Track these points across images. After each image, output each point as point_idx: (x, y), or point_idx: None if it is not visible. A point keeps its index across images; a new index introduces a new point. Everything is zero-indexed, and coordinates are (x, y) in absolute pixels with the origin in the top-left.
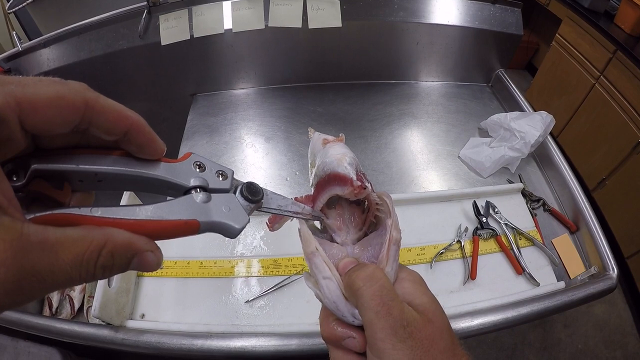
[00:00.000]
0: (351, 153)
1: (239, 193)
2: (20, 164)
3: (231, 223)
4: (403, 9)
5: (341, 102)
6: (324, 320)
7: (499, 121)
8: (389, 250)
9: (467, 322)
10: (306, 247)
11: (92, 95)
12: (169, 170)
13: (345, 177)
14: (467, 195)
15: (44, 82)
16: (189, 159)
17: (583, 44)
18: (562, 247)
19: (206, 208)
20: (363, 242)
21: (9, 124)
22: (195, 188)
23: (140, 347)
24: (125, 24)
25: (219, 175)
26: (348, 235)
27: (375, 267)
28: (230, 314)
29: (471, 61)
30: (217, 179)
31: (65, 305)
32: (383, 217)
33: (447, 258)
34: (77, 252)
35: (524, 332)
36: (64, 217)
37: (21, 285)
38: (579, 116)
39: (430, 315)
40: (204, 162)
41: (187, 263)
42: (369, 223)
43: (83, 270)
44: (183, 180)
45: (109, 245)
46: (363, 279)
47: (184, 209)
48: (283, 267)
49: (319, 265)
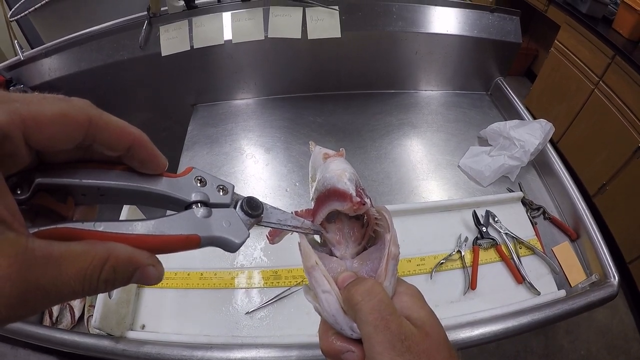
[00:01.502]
0: (351, 169)
1: (239, 208)
2: (24, 177)
3: (231, 238)
4: (402, 18)
5: (341, 112)
6: (323, 334)
7: (498, 130)
8: (387, 265)
9: (468, 332)
10: (306, 261)
11: (96, 113)
12: (171, 185)
13: (345, 192)
14: (466, 205)
15: (48, 100)
16: (190, 173)
17: (582, 49)
18: (562, 255)
19: (207, 223)
20: (362, 256)
21: (14, 140)
22: (196, 203)
23: (140, 358)
24: (126, 35)
25: (219, 189)
26: (347, 249)
27: (374, 282)
28: (231, 325)
29: (470, 70)
30: (218, 194)
31: (65, 315)
32: (382, 231)
33: (447, 268)
34: (80, 266)
35: (526, 340)
36: (67, 232)
37: (25, 298)
38: (578, 122)
39: (427, 328)
40: (204, 176)
41: (188, 274)
42: (368, 237)
43: (86, 284)
44: (184, 195)
45: (112, 260)
46: (362, 293)
47: (185, 223)
48: (283, 279)
49: (318, 279)
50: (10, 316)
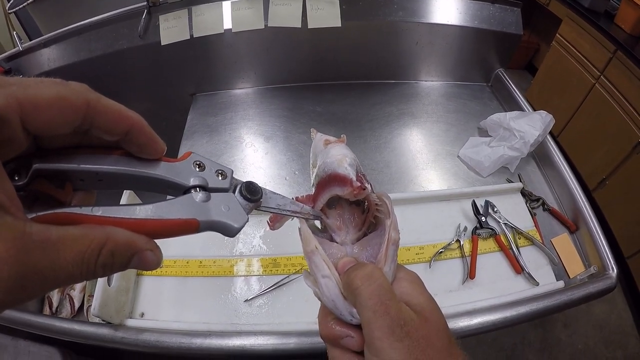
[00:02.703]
0: (352, 154)
1: (238, 192)
2: (22, 163)
3: (230, 222)
4: (402, 8)
5: (340, 101)
6: (322, 319)
7: (498, 121)
8: (387, 250)
9: (466, 321)
10: (306, 246)
11: (94, 97)
12: (169, 169)
13: (345, 177)
14: (466, 195)
15: (45, 83)
16: (188, 158)
17: (583, 43)
18: (561, 247)
19: (205, 207)
20: (362, 242)
21: (11, 125)
22: (195, 187)
23: (139, 345)
24: (125, 24)
25: (218, 174)
26: (347, 235)
27: (374, 267)
28: (230, 312)
29: (471, 61)
30: (217, 178)
31: (65, 305)
32: (382, 217)
33: (446, 257)
34: (78, 250)
35: (524, 332)
36: (65, 216)
37: (23, 283)
38: (579, 116)
39: (427, 314)
40: (203, 161)
41: (187, 262)
42: (369, 223)
43: (84, 268)
44: (183, 179)
45: (110, 244)
46: (361, 278)
47: (184, 208)
48: (282, 266)
49: (318, 264)
50: (8, 301)
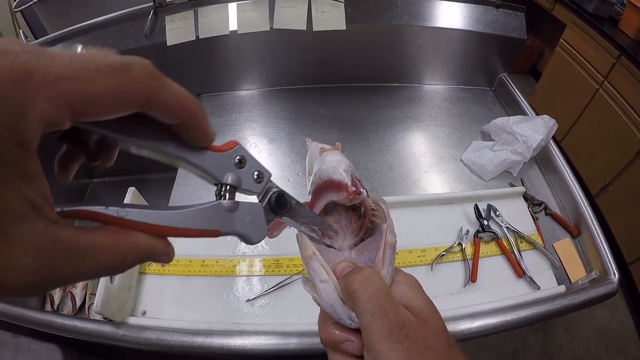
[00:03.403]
0: (347, 160)
1: (267, 203)
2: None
3: (250, 236)
4: (407, 12)
5: (344, 104)
6: (322, 324)
7: (501, 125)
8: (384, 253)
9: (467, 324)
10: (304, 252)
11: (155, 86)
12: (209, 159)
13: (341, 183)
14: (468, 198)
15: (102, 73)
16: (232, 150)
17: (587, 49)
18: (563, 251)
19: (230, 218)
20: (360, 247)
21: (56, 126)
22: (226, 186)
23: (141, 343)
24: (132, 24)
25: (255, 175)
26: (345, 240)
27: (372, 270)
28: (232, 312)
29: (474, 65)
30: (252, 180)
31: (66, 302)
32: (379, 222)
33: (448, 260)
34: (103, 259)
35: (525, 337)
36: (90, 215)
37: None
38: (582, 121)
39: (425, 317)
40: (245, 157)
41: (189, 261)
42: (366, 228)
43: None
44: (218, 173)
45: (133, 254)
46: (359, 282)
47: (210, 218)
48: (284, 267)
49: (316, 269)
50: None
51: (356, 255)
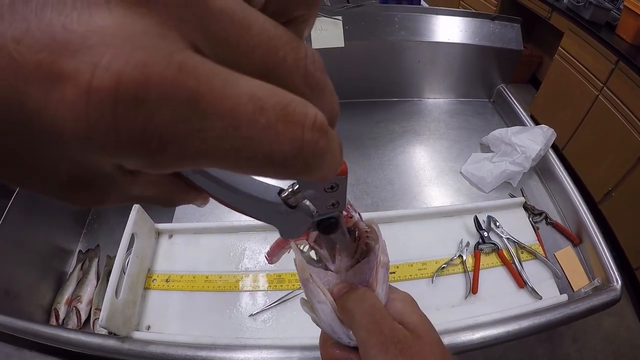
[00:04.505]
0: None
1: (320, 221)
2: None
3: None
4: (404, 28)
5: (344, 120)
6: (322, 344)
7: (500, 136)
8: (377, 273)
9: (469, 335)
10: (301, 275)
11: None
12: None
13: None
14: (468, 210)
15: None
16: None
17: (585, 55)
18: (565, 260)
19: (279, 215)
20: (355, 269)
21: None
22: (297, 193)
23: (145, 357)
24: None
25: (331, 202)
26: (341, 263)
27: (366, 289)
28: (235, 327)
29: (472, 77)
30: (326, 205)
31: (71, 317)
32: (373, 244)
33: (449, 273)
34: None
35: (532, 347)
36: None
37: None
38: (583, 128)
39: (420, 332)
40: (340, 186)
41: (193, 277)
42: (361, 251)
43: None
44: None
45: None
46: (354, 300)
47: (262, 209)
48: (287, 282)
49: (313, 291)
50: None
51: (352, 277)
